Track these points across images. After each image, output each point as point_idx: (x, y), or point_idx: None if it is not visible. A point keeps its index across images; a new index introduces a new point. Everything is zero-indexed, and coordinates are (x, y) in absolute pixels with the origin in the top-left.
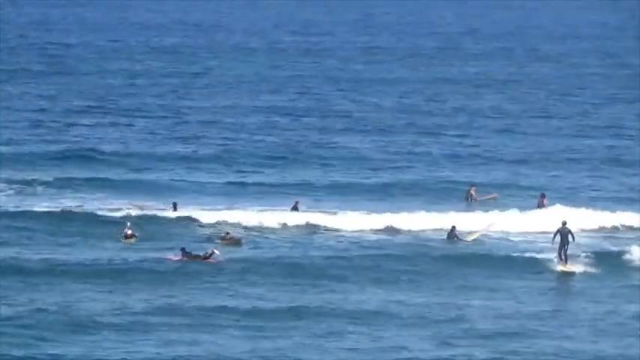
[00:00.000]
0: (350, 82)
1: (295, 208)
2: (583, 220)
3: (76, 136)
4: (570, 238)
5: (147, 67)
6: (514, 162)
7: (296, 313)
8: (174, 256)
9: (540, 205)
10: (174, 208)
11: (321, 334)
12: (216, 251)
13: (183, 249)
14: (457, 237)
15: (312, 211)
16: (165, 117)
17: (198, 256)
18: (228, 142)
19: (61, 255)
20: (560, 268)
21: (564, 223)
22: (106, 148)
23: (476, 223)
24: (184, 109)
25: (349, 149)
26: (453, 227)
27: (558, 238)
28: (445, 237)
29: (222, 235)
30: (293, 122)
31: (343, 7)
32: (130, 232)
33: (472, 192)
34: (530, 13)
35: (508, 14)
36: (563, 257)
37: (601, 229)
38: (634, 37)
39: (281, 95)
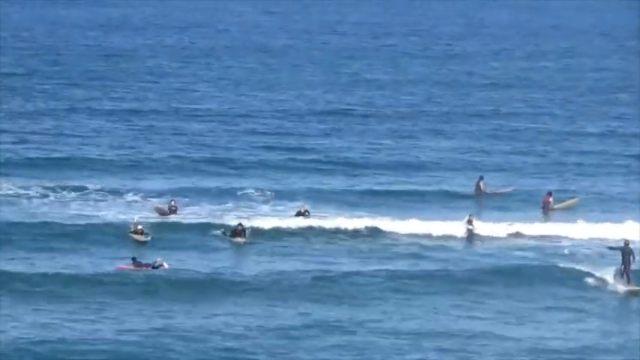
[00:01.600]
0: (369, 84)
1: (300, 214)
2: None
3: (78, 140)
4: (631, 258)
5: (150, 68)
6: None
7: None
8: (126, 265)
9: (546, 203)
10: (172, 210)
11: None
12: (165, 264)
13: (134, 258)
14: (472, 226)
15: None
16: (171, 119)
17: (148, 265)
18: (240, 145)
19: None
20: (622, 287)
21: (627, 243)
22: (107, 151)
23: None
24: (191, 111)
25: (365, 153)
26: (470, 216)
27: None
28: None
29: (238, 229)
30: (300, 124)
31: (348, 7)
32: (140, 227)
33: (481, 184)
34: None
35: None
36: (625, 277)
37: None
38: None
39: (301, 97)
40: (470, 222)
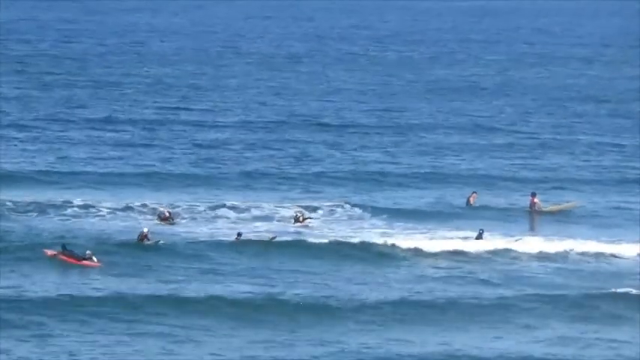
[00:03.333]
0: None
1: (297, 220)
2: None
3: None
4: None
5: (149, 75)
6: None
7: None
8: (52, 251)
9: (531, 205)
10: (163, 217)
11: None
12: (93, 257)
13: (63, 246)
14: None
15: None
16: (182, 130)
17: (76, 257)
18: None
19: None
20: None
21: None
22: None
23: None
24: (199, 120)
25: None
26: (481, 231)
27: None
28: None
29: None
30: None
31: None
32: (146, 230)
33: (472, 199)
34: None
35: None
36: None
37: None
38: None
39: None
40: (480, 237)
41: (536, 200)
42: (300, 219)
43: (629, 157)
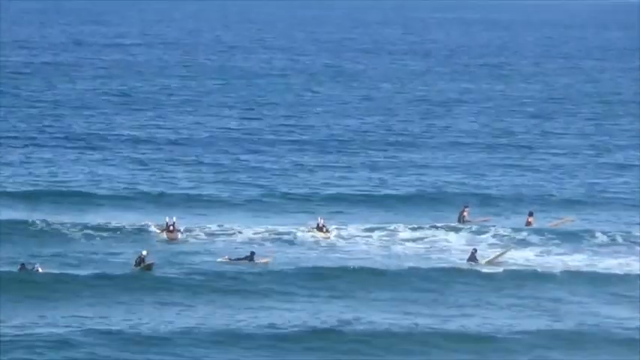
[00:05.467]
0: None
1: (319, 228)
2: None
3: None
4: None
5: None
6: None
7: None
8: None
9: (527, 224)
10: (170, 228)
11: None
12: (39, 269)
13: (22, 264)
14: (476, 261)
15: None
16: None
17: (29, 269)
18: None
19: None
20: None
21: None
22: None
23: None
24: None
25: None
26: (474, 250)
27: None
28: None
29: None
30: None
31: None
32: (145, 252)
33: (465, 213)
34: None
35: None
36: None
37: None
38: None
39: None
40: (473, 257)
41: (530, 219)
42: (324, 229)
43: (623, 172)
